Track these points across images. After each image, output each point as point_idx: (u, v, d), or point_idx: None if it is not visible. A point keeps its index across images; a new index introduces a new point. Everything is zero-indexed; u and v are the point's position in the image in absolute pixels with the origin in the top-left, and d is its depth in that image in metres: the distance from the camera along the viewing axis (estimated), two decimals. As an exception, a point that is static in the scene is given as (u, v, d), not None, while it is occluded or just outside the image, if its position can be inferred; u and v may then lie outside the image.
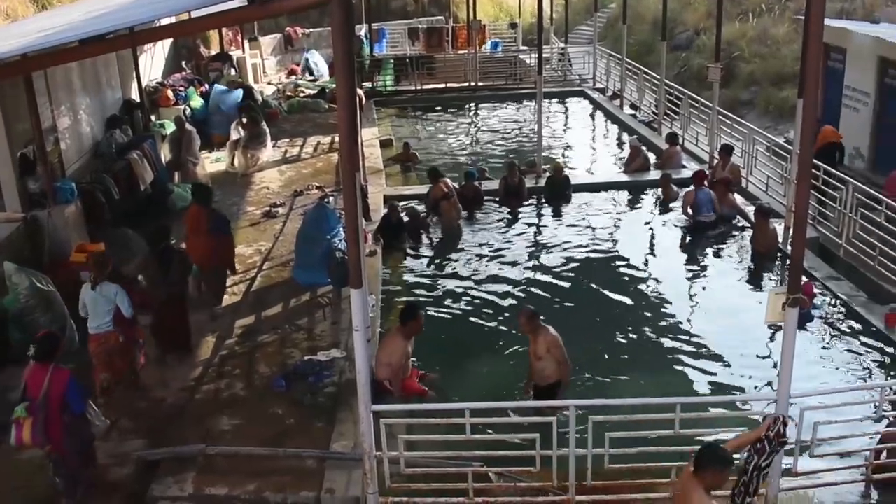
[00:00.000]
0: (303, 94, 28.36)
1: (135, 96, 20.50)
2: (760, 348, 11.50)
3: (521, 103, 28.42)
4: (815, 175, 14.54)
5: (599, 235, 16.04)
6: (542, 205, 17.74)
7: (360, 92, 19.76)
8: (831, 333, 11.96)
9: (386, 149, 22.05)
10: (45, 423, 7.96)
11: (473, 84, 29.68)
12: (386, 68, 30.22)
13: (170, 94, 22.69)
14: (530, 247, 15.64)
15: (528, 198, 17.77)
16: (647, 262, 14.95)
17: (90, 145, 17.42)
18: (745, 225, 15.64)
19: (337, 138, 17.51)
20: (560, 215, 17.26)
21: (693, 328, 12.39)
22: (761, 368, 11.09)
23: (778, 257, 14.29)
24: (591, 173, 20.65)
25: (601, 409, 8.14)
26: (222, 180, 19.06)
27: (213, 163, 20.38)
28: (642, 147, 20.02)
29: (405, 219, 15.84)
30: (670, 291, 13.62)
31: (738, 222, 15.89)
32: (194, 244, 12.43)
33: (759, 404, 9.68)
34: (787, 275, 10.21)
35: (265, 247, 15.13)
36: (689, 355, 11.61)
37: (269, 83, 31.04)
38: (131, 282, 10.88)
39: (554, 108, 27.99)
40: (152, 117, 20.82)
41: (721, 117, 19.18)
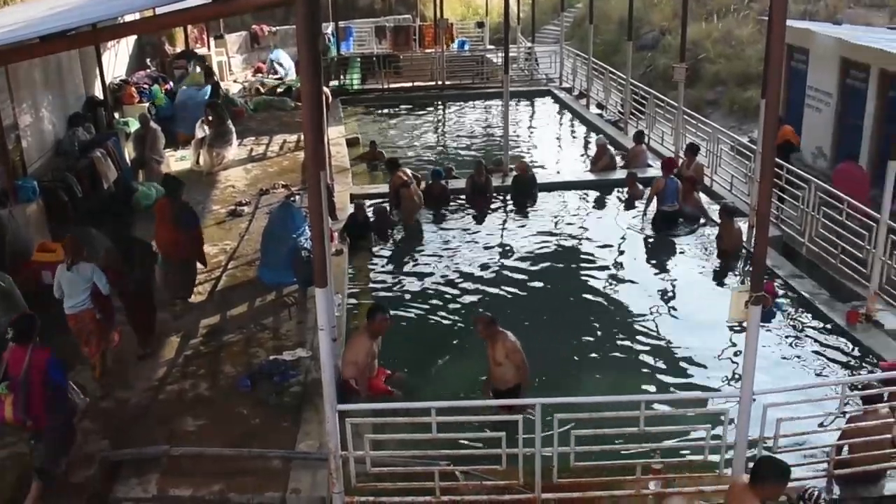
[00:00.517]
0: (265, 91, 28.25)
1: (98, 94, 20.30)
2: (724, 346, 11.59)
3: (488, 102, 28.45)
4: (779, 174, 14.68)
5: (565, 234, 16.10)
6: (508, 204, 17.77)
7: (326, 90, 19.70)
8: (794, 331, 12.08)
9: (353, 147, 21.99)
10: (26, 400, 8.12)
11: (440, 83, 29.69)
12: (353, 67, 30.12)
13: (134, 91, 22.49)
14: (497, 246, 15.67)
15: (495, 197, 17.78)
16: (613, 260, 15.02)
17: (52, 143, 17.24)
18: (710, 224, 15.77)
19: (303, 137, 17.48)
20: (526, 214, 17.30)
21: (658, 326, 12.46)
22: (725, 366, 11.19)
23: (742, 256, 14.41)
24: (558, 172, 20.73)
25: (567, 407, 8.16)
26: (187, 179, 18.79)
27: (178, 161, 20.20)
28: (608, 146, 20.10)
29: (371, 218, 15.80)
30: (636, 290, 13.71)
31: (703, 221, 16.00)
32: (161, 236, 12.50)
33: (722, 400, 9.74)
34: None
35: (230, 246, 15.04)
36: (654, 353, 11.68)
37: (235, 81, 30.87)
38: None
39: (521, 107, 28.08)
40: (116, 115, 20.62)
41: (686, 117, 19.31)
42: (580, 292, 13.67)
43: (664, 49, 31.44)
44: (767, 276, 12.96)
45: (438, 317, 12.92)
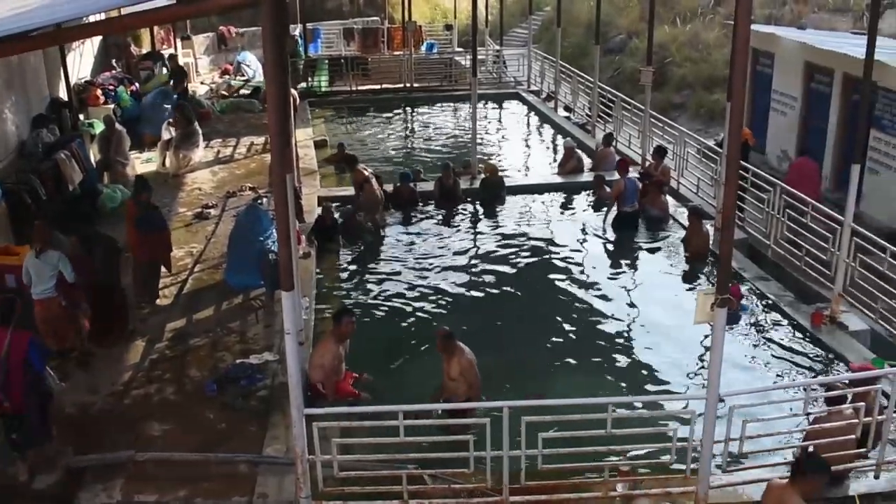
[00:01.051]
0: (230, 93, 28.13)
1: (63, 95, 20.08)
2: (692, 348, 11.65)
3: (456, 105, 28.45)
4: (744, 177, 14.81)
5: (533, 237, 16.12)
6: (476, 206, 17.77)
7: (293, 92, 19.61)
8: (760, 333, 12.18)
9: (320, 150, 21.90)
10: (4, 382, 8.32)
11: (409, 85, 29.63)
12: (321, 69, 30.01)
13: (99, 93, 22.25)
14: (465, 248, 15.66)
15: (463, 199, 17.79)
16: (581, 263, 15.05)
17: (16, 145, 17.01)
18: (677, 226, 15.87)
19: (269, 139, 17.39)
20: (495, 217, 17.31)
21: (626, 329, 12.53)
22: (692, 367, 11.26)
23: (709, 258, 14.50)
24: (526, 175, 20.77)
25: (534, 410, 8.17)
26: (153, 181, 18.68)
27: (144, 163, 20.04)
28: (576, 149, 20.17)
29: (339, 220, 15.75)
30: (604, 292, 13.76)
31: (671, 223, 16.12)
32: (128, 236, 12.73)
33: (689, 401, 9.80)
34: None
35: (197, 249, 14.93)
36: (622, 356, 11.74)
37: (202, 83, 30.65)
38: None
39: (489, 109, 28.10)
40: (81, 116, 20.39)
41: (653, 120, 19.43)
42: (548, 295, 13.71)
43: (631, 52, 31.63)
44: (734, 279, 13.08)
45: (406, 320, 12.90)
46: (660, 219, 16.23)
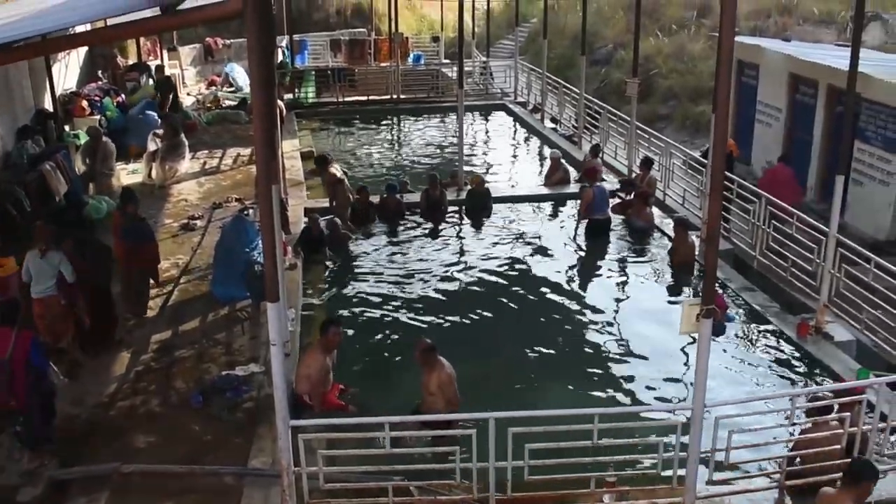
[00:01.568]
0: (215, 104, 28.13)
1: (48, 106, 20.01)
2: (678, 358, 11.67)
3: (443, 116, 28.49)
4: (729, 188, 14.87)
5: (520, 248, 16.13)
6: (463, 218, 17.79)
7: (280, 104, 19.59)
8: (746, 343, 12.22)
9: (307, 161, 21.86)
10: (9, 381, 8.60)
11: (395, 97, 29.64)
12: (307, 80, 30.01)
13: (85, 104, 22.19)
14: (452, 259, 15.66)
15: (450, 211, 17.79)
16: (567, 273, 15.08)
17: (0, 156, 16.96)
18: (663, 237, 15.92)
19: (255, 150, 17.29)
20: (481, 228, 17.32)
21: (612, 339, 12.54)
22: (679, 378, 11.27)
23: (695, 269, 14.53)
24: (513, 186, 20.77)
25: (521, 421, 8.16)
26: (139, 192, 18.63)
27: (130, 174, 19.97)
28: (562, 160, 20.21)
29: (325, 231, 15.72)
30: (590, 303, 13.78)
31: (656, 234, 16.16)
32: (115, 248, 12.66)
33: (675, 412, 9.80)
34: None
35: (183, 260, 14.87)
36: (608, 366, 11.75)
37: (189, 94, 30.60)
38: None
39: (476, 121, 28.15)
40: (66, 128, 20.33)
41: (639, 131, 19.48)
42: (535, 306, 13.72)
43: (617, 64, 31.74)
44: (720, 290, 13.12)
45: (393, 331, 12.87)
46: (645, 230, 16.28)
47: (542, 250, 16.00)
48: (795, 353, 11.69)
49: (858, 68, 10.94)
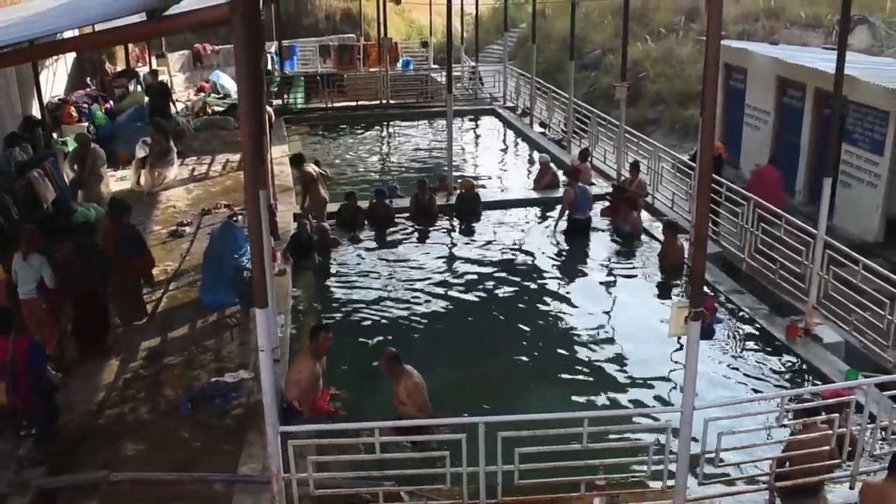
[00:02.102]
0: (201, 110, 28.10)
1: (36, 113, 19.95)
2: (667, 361, 11.68)
3: (432, 121, 28.49)
4: (717, 191, 14.91)
5: (509, 252, 16.13)
6: (452, 222, 17.79)
7: (269, 109, 19.57)
8: (735, 346, 12.24)
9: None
10: (13, 383, 9.00)
11: (385, 102, 29.63)
12: (297, 86, 29.98)
13: (73, 111, 22.12)
14: (441, 264, 15.65)
15: (439, 215, 17.80)
16: (557, 277, 15.09)
17: (-12, 164, 16.87)
18: (652, 240, 15.95)
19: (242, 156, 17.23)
20: (471, 232, 17.32)
21: (603, 342, 12.55)
22: (668, 380, 11.29)
23: (684, 271, 14.56)
24: (502, 190, 20.79)
25: (510, 425, 8.16)
26: (128, 199, 18.60)
27: (119, 181, 19.92)
28: (551, 164, 20.22)
29: (315, 237, 15.70)
30: (579, 306, 13.79)
31: (645, 237, 16.20)
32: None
33: (664, 415, 9.81)
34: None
35: (172, 267, 14.83)
36: (597, 369, 11.76)
37: (178, 100, 30.51)
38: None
39: (465, 126, 28.16)
40: (54, 135, 20.26)
41: (628, 135, 19.51)
42: (524, 309, 13.72)
43: (606, 68, 31.81)
44: (710, 292, 13.15)
45: (383, 336, 12.84)
46: (631, 234, 16.31)
47: (532, 255, 16.01)
48: (784, 355, 11.71)
49: (845, 71, 10.99)
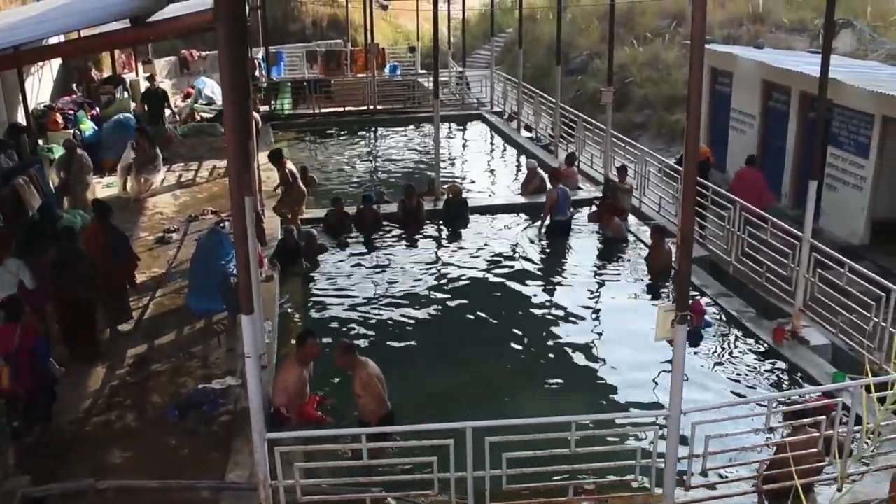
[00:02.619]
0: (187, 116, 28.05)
1: (21, 120, 19.84)
2: (655, 364, 11.69)
3: (419, 126, 28.50)
4: (704, 195, 14.95)
5: (497, 256, 16.13)
6: (440, 227, 17.78)
7: (256, 115, 19.54)
8: (723, 349, 12.27)
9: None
10: (17, 370, 9.33)
11: (372, 107, 29.65)
12: (284, 92, 29.95)
13: (59, 117, 22.00)
14: (429, 269, 15.65)
15: (427, 220, 17.79)
16: (544, 281, 15.09)
17: (-27, 171, 16.77)
18: (639, 244, 15.98)
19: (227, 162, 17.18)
20: (458, 237, 17.32)
21: (589, 346, 12.56)
22: (656, 384, 11.30)
23: (672, 275, 14.58)
24: (490, 195, 20.82)
25: (498, 430, 8.14)
26: (114, 206, 18.53)
27: (105, 188, 19.85)
28: (539, 169, 20.24)
29: (302, 243, 15.67)
30: (567, 310, 13.80)
31: (633, 241, 16.24)
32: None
33: (652, 419, 9.81)
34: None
35: (158, 273, 14.78)
36: (585, 374, 11.77)
37: (174, 107, 30.42)
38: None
39: (452, 131, 28.19)
40: (40, 142, 20.15)
41: (615, 140, 19.55)
42: (512, 314, 13.72)
43: (593, 73, 31.87)
44: (698, 295, 13.18)
45: (371, 341, 12.82)
46: (614, 239, 16.36)
47: (519, 259, 16.01)
48: (771, 358, 11.74)
49: (830, 75, 11.04)
